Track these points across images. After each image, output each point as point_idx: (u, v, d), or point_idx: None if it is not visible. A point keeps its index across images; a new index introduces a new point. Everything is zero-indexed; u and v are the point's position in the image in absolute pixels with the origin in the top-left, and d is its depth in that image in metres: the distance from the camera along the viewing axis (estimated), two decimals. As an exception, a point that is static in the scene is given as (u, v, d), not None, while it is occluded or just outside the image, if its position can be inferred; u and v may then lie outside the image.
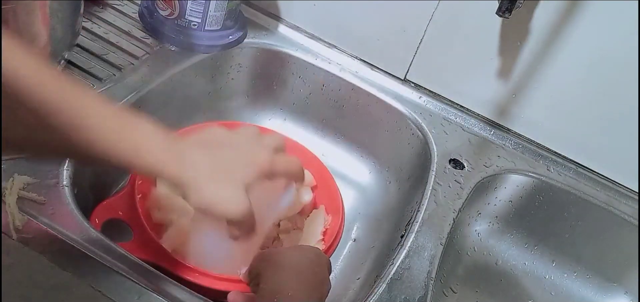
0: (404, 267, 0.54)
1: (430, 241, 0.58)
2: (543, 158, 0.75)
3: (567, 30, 0.67)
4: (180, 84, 0.69)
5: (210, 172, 0.41)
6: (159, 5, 0.70)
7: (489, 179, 0.70)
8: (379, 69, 0.79)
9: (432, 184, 0.66)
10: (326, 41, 0.80)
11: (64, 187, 0.48)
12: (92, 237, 0.45)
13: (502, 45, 0.71)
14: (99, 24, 0.69)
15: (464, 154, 0.72)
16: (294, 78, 0.80)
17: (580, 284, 0.75)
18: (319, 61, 0.78)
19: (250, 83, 0.80)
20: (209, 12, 0.69)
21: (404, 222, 0.65)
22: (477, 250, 0.75)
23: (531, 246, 0.75)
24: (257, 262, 0.45)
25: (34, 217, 0.45)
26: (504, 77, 0.73)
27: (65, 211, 0.46)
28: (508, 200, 0.73)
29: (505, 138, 0.77)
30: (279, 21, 0.81)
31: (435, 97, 0.78)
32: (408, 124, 0.75)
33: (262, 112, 0.82)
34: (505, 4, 0.59)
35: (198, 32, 0.71)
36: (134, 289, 0.43)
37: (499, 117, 0.77)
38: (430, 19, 0.73)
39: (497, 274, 0.75)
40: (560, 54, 0.69)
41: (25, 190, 0.46)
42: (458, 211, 0.64)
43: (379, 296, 0.51)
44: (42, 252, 0.42)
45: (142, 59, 0.66)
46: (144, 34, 0.70)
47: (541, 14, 0.67)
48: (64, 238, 0.44)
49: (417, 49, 0.76)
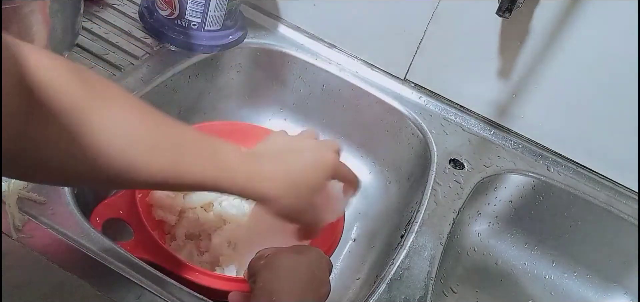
0: (404, 267, 0.54)
1: (430, 241, 0.58)
2: (543, 158, 0.75)
3: (567, 30, 0.67)
4: (180, 84, 0.69)
5: (287, 184, 0.43)
6: (159, 5, 0.70)
7: (489, 179, 0.70)
8: (379, 69, 0.79)
9: (432, 184, 0.66)
10: (326, 41, 0.80)
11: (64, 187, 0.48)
12: (92, 237, 0.45)
13: (502, 45, 0.71)
14: (99, 24, 0.69)
15: (464, 154, 0.72)
16: (294, 78, 0.80)
17: (580, 284, 0.75)
18: (319, 61, 0.78)
19: (250, 83, 0.80)
20: (209, 12, 0.69)
21: (404, 222, 0.65)
22: (477, 250, 0.75)
23: (531, 246, 0.75)
24: (256, 262, 0.45)
25: (34, 217, 0.45)
26: (504, 77, 0.73)
27: (65, 211, 0.46)
28: (508, 200, 0.73)
29: (505, 138, 0.77)
30: (279, 21, 0.81)
31: (435, 97, 0.78)
32: (408, 124, 0.75)
33: (262, 112, 0.82)
34: (505, 4, 0.59)
35: (198, 32, 0.71)
36: (134, 289, 0.43)
37: (499, 117, 0.77)
38: (430, 19, 0.73)
39: (497, 274, 0.75)
40: (560, 54, 0.69)
41: (25, 190, 0.46)
42: (458, 211, 0.64)
43: (379, 296, 0.51)
44: (42, 252, 0.42)
45: (142, 59, 0.66)
46: (144, 34, 0.70)
47: (541, 14, 0.67)
48: (64, 238, 0.44)
49: (417, 49, 0.76)
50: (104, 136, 0.32)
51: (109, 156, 0.33)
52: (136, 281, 0.43)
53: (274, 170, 0.43)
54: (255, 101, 0.81)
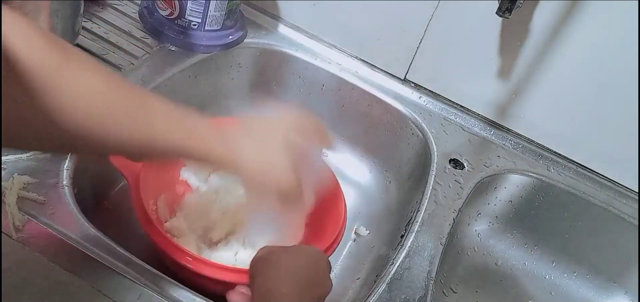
0: (404, 267, 0.54)
1: (430, 241, 0.58)
2: (543, 158, 0.75)
3: (567, 30, 0.67)
4: (180, 84, 0.69)
5: (256, 151, 0.44)
6: (159, 5, 0.70)
7: (489, 179, 0.70)
8: (379, 69, 0.79)
9: (432, 184, 0.66)
10: (326, 41, 0.80)
11: (64, 187, 0.48)
12: (92, 237, 0.45)
13: (502, 45, 0.71)
14: (99, 24, 0.69)
15: (464, 154, 0.72)
16: (294, 78, 0.80)
17: (580, 284, 0.75)
18: (319, 61, 0.78)
19: (250, 83, 0.80)
20: (209, 12, 0.69)
21: (404, 222, 0.65)
22: (477, 250, 0.75)
23: (531, 246, 0.75)
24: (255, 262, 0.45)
25: (34, 217, 0.45)
26: (504, 77, 0.73)
27: (65, 211, 0.46)
28: (508, 200, 0.73)
29: (505, 138, 0.77)
30: (279, 21, 0.81)
31: (435, 97, 0.78)
32: (408, 124, 0.75)
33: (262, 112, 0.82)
34: (505, 4, 0.59)
35: (198, 32, 0.71)
36: (134, 289, 0.43)
37: (499, 117, 0.77)
38: (430, 19, 0.73)
39: (497, 274, 0.75)
40: (560, 54, 0.69)
41: (25, 190, 0.46)
42: (458, 211, 0.64)
43: (379, 296, 0.51)
44: (42, 252, 0.42)
45: (142, 59, 0.66)
46: (144, 34, 0.70)
47: (541, 14, 0.67)
48: (64, 238, 0.44)
49: (417, 49, 0.76)
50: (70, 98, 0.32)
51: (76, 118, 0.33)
52: (136, 281, 0.43)
53: (237, 135, 0.44)
54: (255, 101, 0.81)
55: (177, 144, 0.39)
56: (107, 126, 0.34)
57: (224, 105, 0.78)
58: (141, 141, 0.37)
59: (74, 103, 0.33)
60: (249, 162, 0.43)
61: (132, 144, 0.37)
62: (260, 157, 0.44)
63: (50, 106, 0.31)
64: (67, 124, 0.32)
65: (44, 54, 0.31)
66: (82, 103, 0.33)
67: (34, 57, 0.30)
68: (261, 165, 0.44)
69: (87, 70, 0.34)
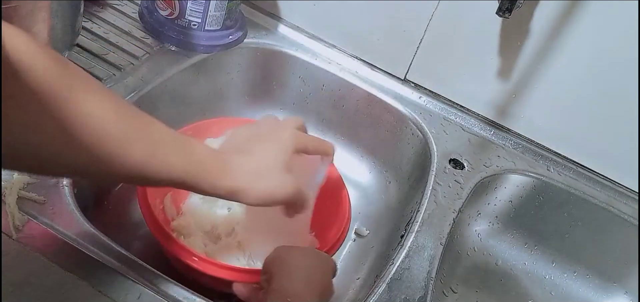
0: (404, 267, 0.54)
1: (430, 241, 0.58)
2: (543, 158, 0.75)
3: (567, 30, 0.67)
4: (180, 84, 0.69)
5: (255, 171, 0.44)
6: (159, 5, 0.70)
7: (489, 179, 0.70)
8: (379, 69, 0.79)
9: (432, 184, 0.66)
10: (326, 41, 0.80)
11: (64, 187, 0.48)
12: (92, 237, 0.45)
13: (502, 45, 0.71)
14: (99, 24, 0.69)
15: (464, 154, 0.72)
16: (294, 78, 0.80)
17: (580, 284, 0.75)
18: (319, 61, 0.78)
19: (250, 83, 0.80)
20: (209, 12, 0.69)
21: (404, 222, 0.65)
22: (477, 250, 0.75)
23: (531, 246, 0.75)
24: (271, 261, 0.45)
25: (34, 217, 0.45)
26: (504, 77, 0.73)
27: (65, 211, 0.46)
28: (508, 200, 0.73)
29: (505, 138, 0.77)
30: (279, 21, 0.81)
31: (435, 97, 0.78)
32: (408, 124, 0.75)
33: (262, 112, 0.82)
34: (505, 4, 0.59)
35: (198, 32, 0.71)
36: (134, 289, 0.43)
37: (499, 117, 0.77)
38: (430, 19, 0.73)
39: (497, 274, 0.75)
40: (560, 54, 0.69)
41: (25, 190, 0.46)
42: (458, 211, 0.64)
43: (379, 296, 0.51)
44: (42, 252, 0.42)
45: (142, 59, 0.66)
46: (144, 34, 0.70)
47: (541, 14, 0.67)
48: (64, 238, 0.44)
49: (417, 49, 0.76)
50: (79, 123, 0.32)
51: (82, 143, 0.33)
52: (136, 281, 0.43)
53: (239, 162, 0.44)
54: (255, 101, 0.81)
55: (178, 174, 0.39)
56: (117, 149, 0.35)
57: (224, 105, 0.78)
58: (146, 170, 0.37)
59: (86, 130, 0.33)
60: (253, 191, 0.43)
61: (142, 169, 0.37)
62: (263, 184, 0.44)
63: (62, 129, 0.31)
64: (79, 148, 0.33)
65: (53, 76, 0.31)
66: (93, 131, 0.33)
67: (43, 80, 0.30)
68: (265, 193, 0.44)
69: (95, 92, 0.34)
